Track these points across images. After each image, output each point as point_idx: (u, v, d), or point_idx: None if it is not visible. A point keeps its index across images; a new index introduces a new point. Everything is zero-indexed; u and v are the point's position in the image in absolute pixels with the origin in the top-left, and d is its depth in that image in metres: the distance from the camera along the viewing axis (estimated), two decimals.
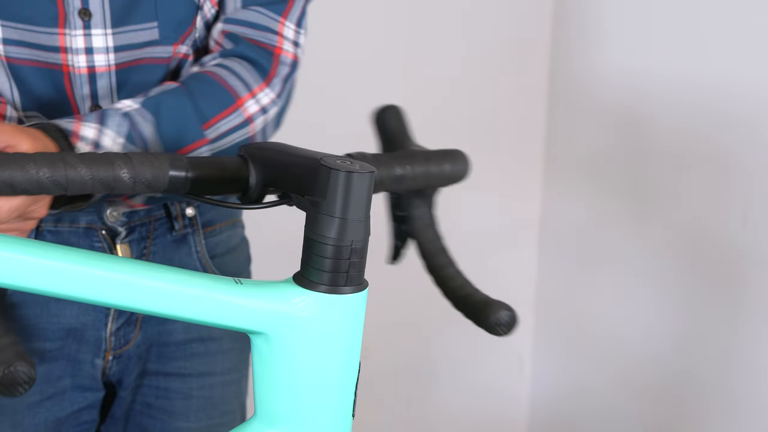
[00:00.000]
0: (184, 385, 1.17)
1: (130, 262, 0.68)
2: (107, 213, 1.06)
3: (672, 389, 1.99)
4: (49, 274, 0.66)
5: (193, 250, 1.15)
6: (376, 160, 0.83)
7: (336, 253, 0.68)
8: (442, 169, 0.87)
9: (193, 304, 0.68)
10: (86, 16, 0.98)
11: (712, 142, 1.86)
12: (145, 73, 1.04)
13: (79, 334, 1.09)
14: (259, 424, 0.72)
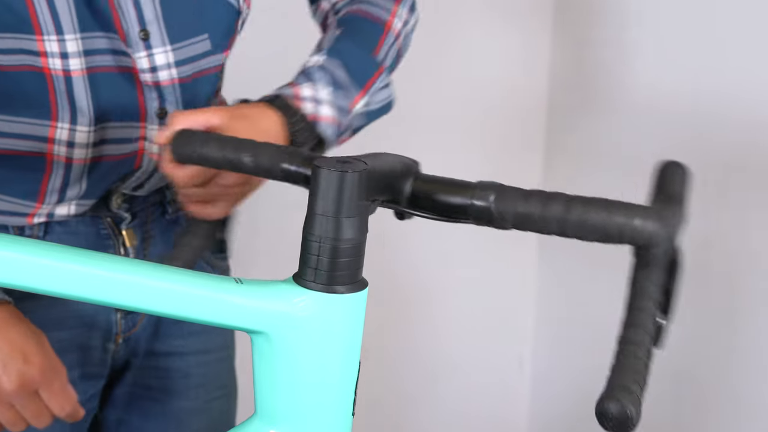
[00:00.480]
0: (182, 363, 1.19)
1: (129, 261, 0.69)
2: (113, 201, 1.09)
3: (672, 389, 1.99)
4: (47, 273, 0.66)
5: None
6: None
7: (331, 253, 0.68)
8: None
9: (192, 304, 0.68)
10: (145, 35, 1.01)
11: (712, 143, 1.86)
12: (204, 81, 1.07)
13: (90, 320, 1.10)
14: (260, 423, 0.72)
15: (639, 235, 0.70)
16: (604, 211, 0.71)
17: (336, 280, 0.69)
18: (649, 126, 2.00)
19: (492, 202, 0.73)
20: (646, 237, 0.70)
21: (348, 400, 0.72)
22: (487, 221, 0.74)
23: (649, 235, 0.70)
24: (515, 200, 0.73)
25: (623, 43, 2.05)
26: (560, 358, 2.33)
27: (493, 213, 0.73)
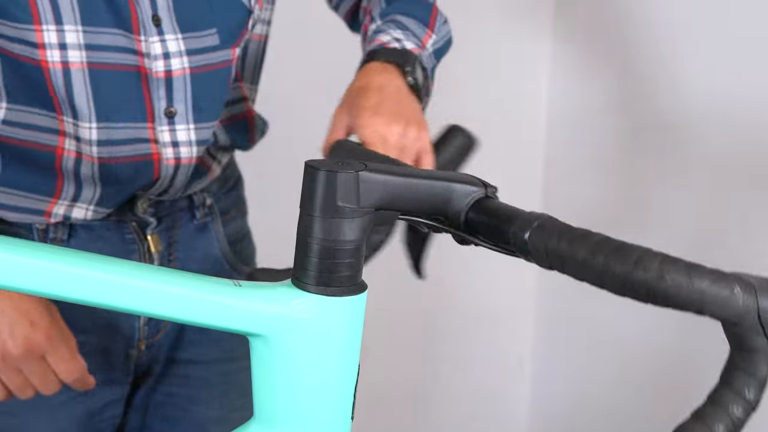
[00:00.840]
0: (204, 372, 1.19)
1: (126, 263, 0.68)
2: (138, 205, 1.09)
3: (672, 389, 1.98)
4: (45, 275, 0.65)
5: (214, 237, 1.18)
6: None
7: (326, 254, 0.67)
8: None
9: (190, 306, 0.68)
10: (157, 22, 1.01)
11: (712, 144, 1.86)
12: (214, 77, 1.06)
13: (114, 326, 1.11)
14: (258, 426, 0.72)
15: (728, 307, 0.59)
16: (680, 273, 0.59)
17: (334, 282, 0.68)
18: (649, 127, 2.00)
19: (529, 235, 0.66)
20: (738, 310, 0.59)
21: (347, 403, 0.71)
22: (526, 256, 0.67)
23: (743, 308, 0.59)
24: (551, 235, 0.65)
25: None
26: (560, 358, 2.33)
27: (528, 247, 0.66)
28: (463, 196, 0.71)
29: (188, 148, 1.06)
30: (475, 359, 2.36)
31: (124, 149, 1.03)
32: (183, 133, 1.05)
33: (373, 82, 1.01)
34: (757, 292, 0.59)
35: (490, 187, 0.72)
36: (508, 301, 2.37)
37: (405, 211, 0.71)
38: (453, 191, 0.71)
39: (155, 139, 1.04)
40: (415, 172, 0.71)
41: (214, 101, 1.08)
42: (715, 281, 0.59)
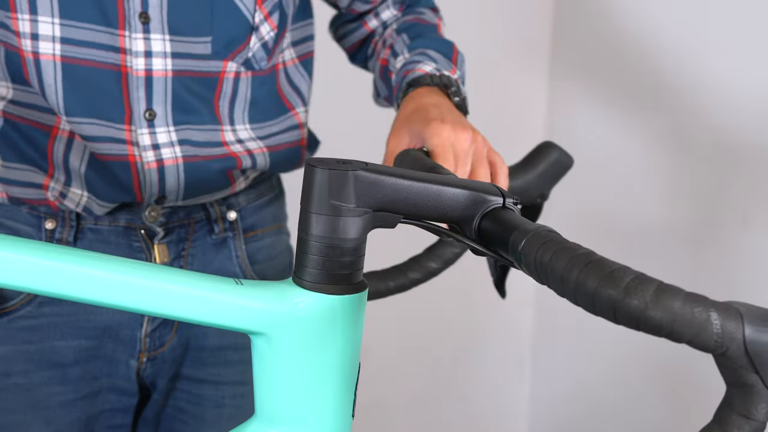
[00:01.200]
0: (216, 393, 1.18)
1: (127, 262, 0.68)
2: (146, 213, 1.08)
3: (672, 389, 1.99)
4: (45, 274, 0.66)
5: (233, 254, 1.15)
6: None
7: (325, 252, 0.68)
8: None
9: (192, 305, 0.68)
10: (145, 19, 1.00)
11: (712, 142, 1.86)
12: (197, 85, 1.05)
13: (114, 333, 1.10)
14: (259, 424, 0.72)
15: (703, 333, 0.53)
16: (649, 292, 0.54)
17: (334, 280, 0.68)
18: (649, 124, 2.00)
19: (522, 246, 0.63)
20: (716, 339, 0.52)
21: (348, 401, 0.72)
22: (521, 267, 0.64)
23: (724, 336, 0.52)
24: (539, 247, 0.61)
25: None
26: (560, 358, 2.33)
27: (521, 258, 0.63)
28: (477, 205, 0.69)
29: (170, 149, 1.04)
30: (475, 359, 2.36)
31: (98, 146, 1.02)
32: (163, 135, 1.04)
33: (426, 102, 1.00)
34: (744, 320, 0.52)
35: (509, 198, 0.70)
36: (509, 301, 2.37)
37: (408, 214, 0.70)
38: (464, 198, 0.69)
39: (132, 141, 1.03)
40: (424, 177, 0.70)
41: (202, 106, 1.06)
42: (689, 304, 0.53)
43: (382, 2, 1.21)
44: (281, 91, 1.14)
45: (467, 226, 0.70)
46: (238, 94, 1.09)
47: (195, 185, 1.07)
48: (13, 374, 1.08)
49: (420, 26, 1.17)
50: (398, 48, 1.14)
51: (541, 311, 2.37)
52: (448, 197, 0.69)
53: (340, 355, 0.70)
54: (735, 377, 0.54)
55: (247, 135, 1.11)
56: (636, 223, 2.05)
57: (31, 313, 1.07)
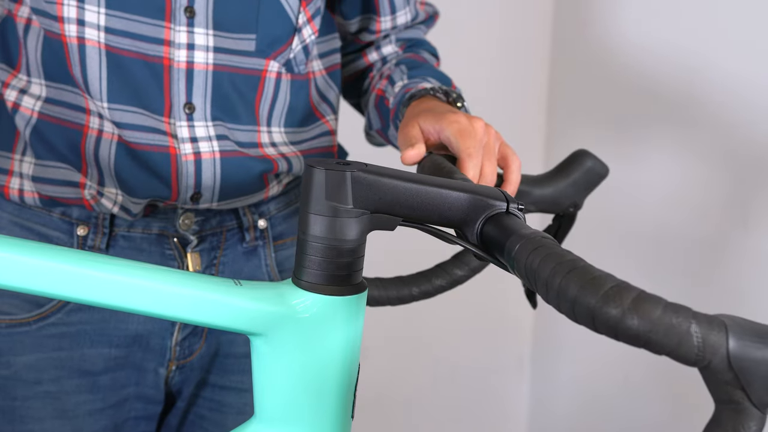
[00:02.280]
0: (239, 400, 1.17)
1: (127, 263, 0.68)
2: (179, 221, 1.07)
3: (672, 389, 1.99)
4: (47, 276, 0.66)
5: (263, 263, 1.15)
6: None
7: (323, 253, 0.68)
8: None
9: (191, 306, 0.68)
10: (190, 14, 1.00)
11: (712, 143, 1.86)
12: (238, 82, 1.05)
13: (144, 342, 1.10)
14: (259, 425, 0.72)
15: (683, 345, 0.50)
16: (626, 301, 0.52)
17: (333, 281, 0.68)
18: (649, 124, 2.00)
19: (515, 251, 0.62)
20: (696, 351, 0.50)
21: (347, 402, 0.72)
22: (514, 272, 0.63)
23: (706, 348, 0.50)
24: (530, 253, 0.60)
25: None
26: (560, 358, 2.33)
27: (514, 263, 0.62)
28: (480, 209, 0.69)
29: (208, 143, 1.04)
30: (474, 359, 2.36)
31: (138, 135, 1.02)
32: (202, 129, 1.04)
33: (431, 105, 1.01)
34: (729, 332, 0.49)
35: (513, 203, 0.69)
36: (508, 301, 2.37)
37: (407, 217, 0.69)
38: (467, 202, 0.69)
39: (172, 133, 1.03)
40: (425, 179, 0.69)
41: (241, 106, 1.07)
42: (668, 314, 0.51)
43: (385, 36, 1.22)
44: (312, 100, 1.15)
45: (469, 230, 0.69)
46: (279, 97, 1.10)
47: (230, 184, 1.06)
48: (43, 382, 1.07)
49: (418, 61, 1.19)
50: (396, 77, 1.15)
51: (541, 311, 2.37)
52: (450, 200, 0.69)
53: (339, 356, 0.70)
54: (721, 393, 0.51)
55: (280, 139, 1.11)
56: (636, 225, 2.05)
57: (62, 320, 1.07)
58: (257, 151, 1.09)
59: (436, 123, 0.94)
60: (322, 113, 1.16)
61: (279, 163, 1.09)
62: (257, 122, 1.09)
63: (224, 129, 1.06)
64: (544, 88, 2.28)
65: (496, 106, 2.22)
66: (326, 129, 1.17)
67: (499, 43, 2.21)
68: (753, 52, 1.77)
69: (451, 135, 0.92)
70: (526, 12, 2.23)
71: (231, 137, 1.06)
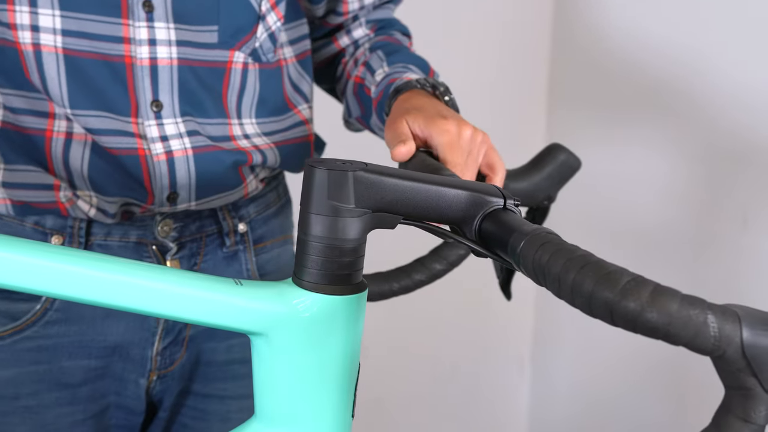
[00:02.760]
0: (222, 407, 1.16)
1: (128, 263, 0.68)
2: (158, 228, 1.06)
3: (673, 389, 1.99)
4: (47, 275, 0.66)
5: (244, 267, 1.14)
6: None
7: (324, 253, 0.68)
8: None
9: (192, 305, 0.68)
10: (149, 8, 0.98)
11: (712, 143, 1.86)
12: (204, 76, 1.03)
13: (124, 352, 1.08)
14: (259, 425, 0.72)
15: (700, 336, 0.52)
16: (645, 294, 0.53)
17: (334, 281, 0.68)
18: (649, 124, 2.00)
19: (521, 247, 0.63)
20: (713, 341, 0.52)
21: (347, 401, 0.72)
22: (520, 269, 0.64)
23: (722, 339, 0.52)
24: (538, 248, 0.61)
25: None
26: (560, 358, 2.33)
27: (520, 259, 0.63)
28: (477, 206, 0.69)
29: (179, 140, 1.02)
30: (475, 359, 2.36)
31: (106, 140, 1.00)
32: (171, 126, 1.02)
33: (420, 102, 1.00)
34: (742, 323, 0.52)
35: (510, 200, 0.69)
36: (508, 301, 2.37)
37: (408, 215, 0.69)
38: (465, 199, 0.69)
39: (140, 134, 1.00)
40: (424, 177, 0.69)
41: (209, 99, 1.05)
42: (686, 306, 0.52)
43: (355, 19, 1.20)
44: (285, 89, 1.13)
45: (467, 227, 0.70)
46: (247, 88, 1.08)
47: (206, 180, 1.05)
48: (22, 397, 1.05)
49: (393, 45, 1.17)
50: (375, 64, 1.13)
51: (541, 311, 2.37)
52: (449, 198, 0.69)
53: (339, 356, 0.70)
54: (733, 380, 0.53)
55: (253, 130, 1.09)
56: (636, 224, 2.05)
57: (38, 333, 1.05)
58: (231, 144, 1.07)
59: (426, 128, 0.94)
60: (296, 103, 1.14)
61: (253, 155, 1.08)
62: (227, 115, 1.07)
63: (195, 124, 1.04)
64: (544, 88, 2.28)
65: (495, 106, 2.22)
66: (300, 119, 1.15)
67: (499, 44, 2.21)
68: (751, 53, 1.77)
69: (440, 145, 0.93)
70: (526, 12, 2.23)
71: (202, 132, 1.04)
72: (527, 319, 2.39)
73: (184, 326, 1.10)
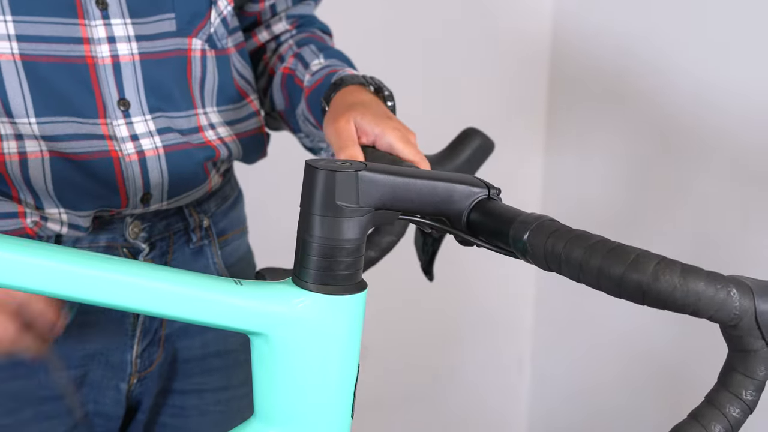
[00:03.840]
0: (200, 402, 1.16)
1: (127, 262, 0.68)
2: (128, 230, 1.05)
3: (673, 389, 1.99)
4: (46, 274, 0.65)
5: (210, 261, 1.14)
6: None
7: (325, 253, 0.68)
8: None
9: (191, 305, 0.68)
10: (102, 5, 0.96)
11: (712, 142, 1.86)
12: (167, 67, 1.02)
13: (103, 359, 1.07)
14: (258, 425, 0.72)
15: (724, 309, 0.58)
16: (675, 275, 0.59)
17: (334, 281, 0.68)
18: (649, 125, 2.00)
19: (528, 236, 0.66)
20: (735, 313, 0.58)
21: (347, 401, 0.72)
22: (525, 257, 0.67)
23: (740, 310, 0.58)
24: (549, 236, 0.64)
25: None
26: (560, 358, 2.33)
27: (527, 248, 0.66)
28: (465, 197, 0.71)
29: (150, 139, 1.01)
30: (474, 359, 2.36)
31: (75, 145, 0.97)
32: (141, 125, 1.00)
33: (365, 98, 1.00)
34: (755, 294, 0.58)
35: (493, 189, 0.72)
36: (508, 301, 2.37)
37: (405, 211, 0.71)
38: (455, 192, 0.71)
39: (110, 135, 0.98)
40: (418, 173, 0.71)
41: (177, 90, 1.04)
42: (711, 283, 0.58)
43: (274, 14, 1.19)
44: (235, 78, 1.12)
45: (457, 219, 0.72)
46: (207, 76, 1.07)
47: (177, 178, 1.04)
48: None
49: (321, 42, 1.17)
50: (308, 56, 1.13)
51: (541, 311, 2.37)
52: (440, 191, 0.71)
53: (339, 356, 0.70)
54: (741, 344, 0.60)
55: (217, 119, 1.09)
56: (635, 223, 2.05)
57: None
58: (199, 137, 1.06)
59: (376, 126, 0.94)
60: (246, 92, 1.14)
61: (220, 149, 1.07)
62: (194, 105, 1.06)
63: (165, 120, 1.03)
64: (544, 89, 2.28)
65: (494, 106, 2.21)
66: (252, 110, 1.14)
67: (500, 44, 2.21)
68: (751, 51, 1.77)
69: (394, 142, 0.94)
70: (527, 12, 2.23)
71: (173, 126, 1.03)
72: (527, 319, 2.39)
73: (160, 325, 1.10)
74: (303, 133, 1.15)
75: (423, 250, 1.01)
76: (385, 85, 1.04)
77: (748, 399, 0.61)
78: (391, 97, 1.04)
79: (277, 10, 1.19)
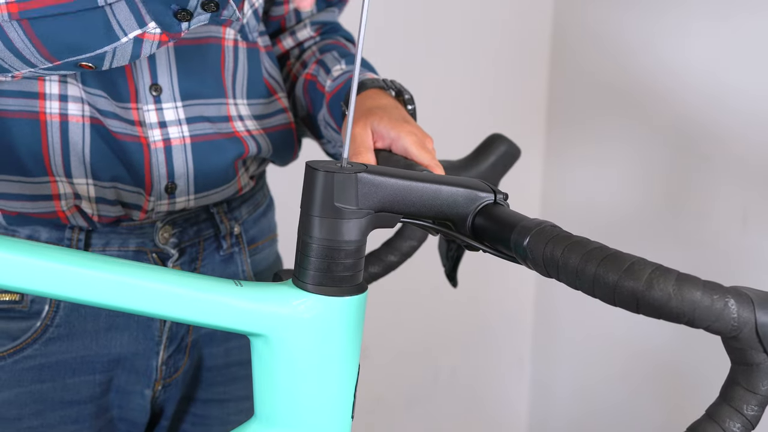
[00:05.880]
0: (222, 411, 1.16)
1: (128, 264, 0.68)
2: (158, 235, 1.05)
3: (673, 389, 1.99)
4: (47, 275, 0.66)
5: (240, 269, 1.14)
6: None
7: (325, 254, 0.68)
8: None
9: (191, 306, 0.68)
10: None
11: (712, 142, 1.87)
12: (201, 54, 1.02)
13: (129, 364, 1.07)
14: (259, 426, 0.72)
15: (722, 320, 0.56)
16: (669, 283, 0.57)
17: (334, 282, 0.69)
18: (649, 125, 2.00)
19: (528, 242, 0.65)
20: (733, 324, 0.56)
21: (347, 402, 0.72)
22: (525, 262, 0.67)
23: (738, 322, 0.56)
24: (548, 242, 0.64)
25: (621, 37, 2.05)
26: (560, 358, 2.33)
27: (527, 254, 0.66)
28: (470, 202, 0.71)
29: (177, 128, 1.01)
30: (475, 360, 2.36)
31: (111, 123, 0.97)
32: (171, 111, 1.01)
33: (384, 103, 1.00)
34: (755, 306, 0.56)
35: (499, 194, 0.72)
36: (508, 301, 2.37)
37: (407, 214, 0.70)
38: (459, 196, 0.71)
39: (140, 120, 0.99)
40: (421, 176, 0.71)
41: (206, 77, 1.04)
42: (708, 293, 0.56)
43: (298, 21, 1.19)
44: (264, 73, 1.12)
45: (462, 223, 0.71)
46: (239, 66, 1.07)
47: (204, 171, 1.04)
48: (24, 417, 1.03)
49: (344, 49, 1.16)
50: (330, 62, 1.13)
51: (541, 311, 2.37)
52: (444, 195, 0.71)
53: (339, 357, 0.70)
54: (743, 357, 0.58)
55: (246, 112, 1.09)
56: (635, 223, 2.05)
57: (40, 352, 1.02)
58: (228, 126, 1.06)
59: (392, 130, 0.94)
60: (275, 89, 1.14)
61: (248, 143, 1.07)
62: (225, 94, 1.06)
63: (195, 108, 1.03)
64: (545, 89, 2.28)
65: (495, 106, 2.22)
66: (281, 106, 1.14)
67: (499, 44, 2.22)
68: (751, 50, 1.77)
69: (409, 146, 0.93)
70: (526, 11, 2.23)
71: (203, 114, 1.03)
72: (527, 319, 2.39)
73: (186, 333, 1.10)
74: (326, 139, 1.15)
75: (447, 256, 1.00)
76: (405, 89, 1.04)
77: (749, 414, 0.59)
78: (411, 100, 1.03)
79: (302, 16, 1.19)
